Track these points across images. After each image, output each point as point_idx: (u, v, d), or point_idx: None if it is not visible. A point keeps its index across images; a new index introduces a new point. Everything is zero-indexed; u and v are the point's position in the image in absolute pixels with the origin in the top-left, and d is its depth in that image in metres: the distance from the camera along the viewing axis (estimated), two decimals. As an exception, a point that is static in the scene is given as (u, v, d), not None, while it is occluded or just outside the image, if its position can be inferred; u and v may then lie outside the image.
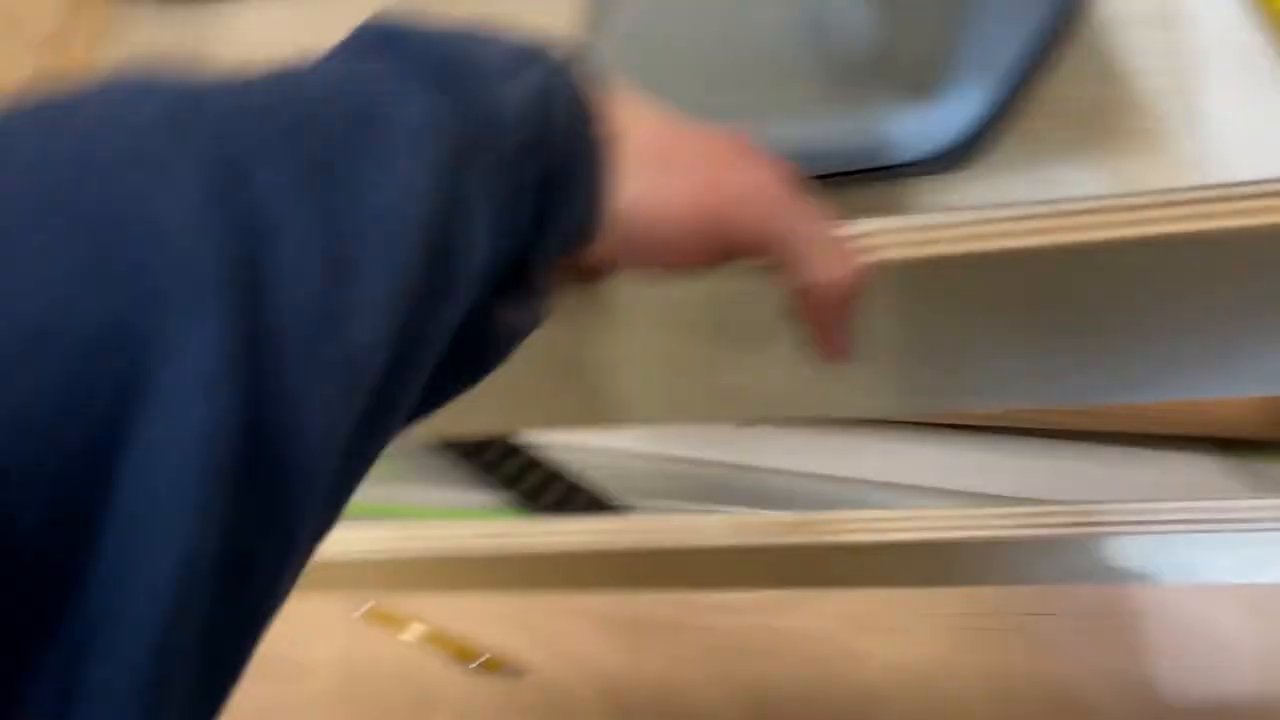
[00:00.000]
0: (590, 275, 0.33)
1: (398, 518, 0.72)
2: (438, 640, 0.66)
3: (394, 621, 0.67)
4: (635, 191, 0.29)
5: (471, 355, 0.28)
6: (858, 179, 0.49)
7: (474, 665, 0.64)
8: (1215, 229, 0.29)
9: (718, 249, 0.29)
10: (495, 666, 0.64)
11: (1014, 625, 0.57)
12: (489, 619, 0.66)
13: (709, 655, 0.61)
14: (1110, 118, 0.45)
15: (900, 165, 0.67)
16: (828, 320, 0.31)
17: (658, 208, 0.29)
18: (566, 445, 0.71)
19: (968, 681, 0.56)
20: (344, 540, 0.49)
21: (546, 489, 0.68)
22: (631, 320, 0.35)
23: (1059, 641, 0.56)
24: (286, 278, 0.18)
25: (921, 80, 0.63)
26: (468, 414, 0.38)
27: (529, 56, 0.27)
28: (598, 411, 0.39)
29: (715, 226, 0.29)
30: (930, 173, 0.68)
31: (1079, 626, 0.56)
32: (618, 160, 0.29)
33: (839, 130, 0.63)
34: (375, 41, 0.25)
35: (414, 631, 0.66)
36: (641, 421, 0.39)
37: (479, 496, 0.71)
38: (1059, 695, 0.55)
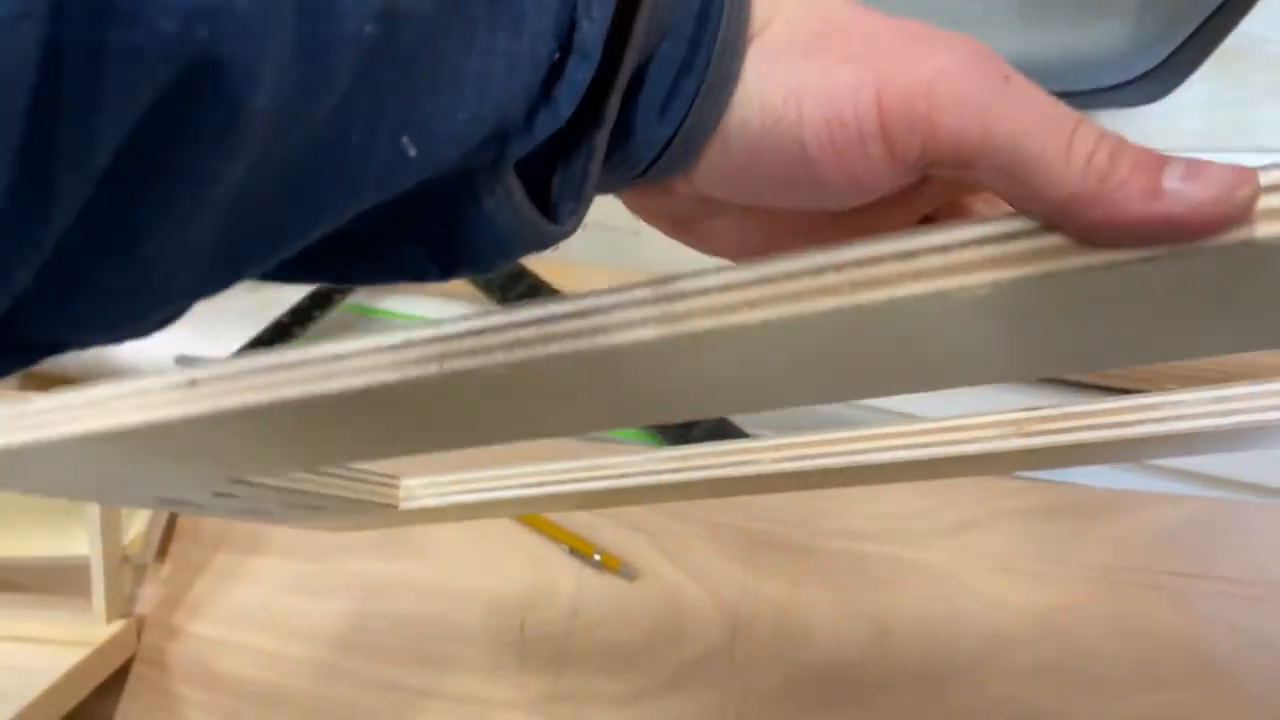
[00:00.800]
0: (682, 214, 0.25)
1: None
2: (557, 531, 0.67)
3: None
4: (790, 82, 0.20)
5: (436, 231, 0.20)
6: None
7: (591, 560, 0.66)
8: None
9: (907, 165, 0.20)
10: (612, 564, 0.65)
11: (1156, 583, 0.55)
12: (606, 518, 0.67)
13: (829, 579, 0.61)
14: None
15: (1084, 92, 0.61)
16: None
17: (822, 107, 0.20)
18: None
19: (1104, 635, 0.55)
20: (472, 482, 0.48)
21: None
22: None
23: (1204, 605, 0.54)
24: None
25: (1116, 3, 0.56)
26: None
27: None
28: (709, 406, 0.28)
29: (909, 130, 0.20)
30: (1116, 104, 0.62)
31: (1226, 591, 0.54)
32: (755, 39, 0.21)
33: (1027, 51, 0.58)
34: None
35: (536, 520, 0.68)
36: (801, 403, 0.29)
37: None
38: (1201, 658, 0.53)
